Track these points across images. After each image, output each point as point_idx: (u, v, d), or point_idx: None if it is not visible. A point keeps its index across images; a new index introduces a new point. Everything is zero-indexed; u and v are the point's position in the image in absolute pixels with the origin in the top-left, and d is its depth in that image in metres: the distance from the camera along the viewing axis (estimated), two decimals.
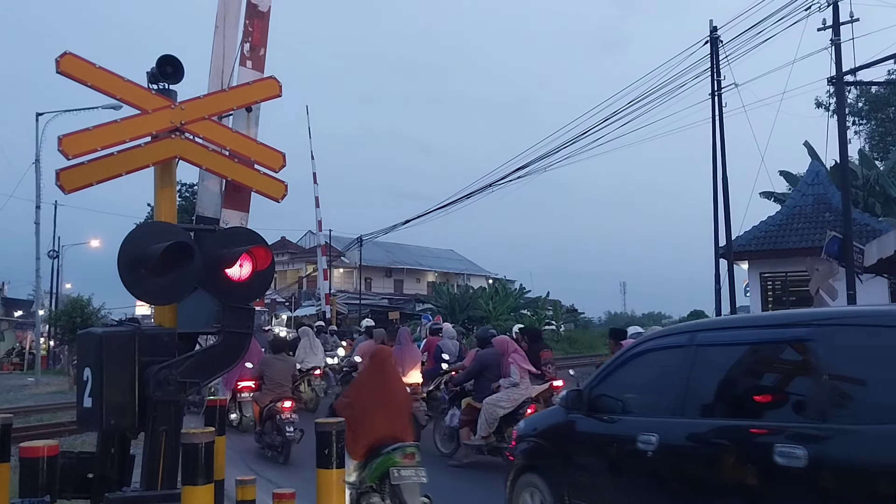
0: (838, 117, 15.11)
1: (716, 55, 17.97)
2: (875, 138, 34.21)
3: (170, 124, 4.63)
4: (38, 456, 4.14)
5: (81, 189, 4.44)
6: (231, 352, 4.60)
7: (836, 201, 18.86)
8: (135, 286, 4.25)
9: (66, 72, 4.36)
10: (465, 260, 63.87)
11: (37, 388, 25.12)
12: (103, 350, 4.16)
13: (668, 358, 4.88)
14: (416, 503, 5.51)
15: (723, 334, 4.77)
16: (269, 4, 5.24)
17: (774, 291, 20.90)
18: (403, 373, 10.80)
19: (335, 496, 4.19)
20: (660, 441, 4.43)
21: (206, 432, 3.87)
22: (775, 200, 25.98)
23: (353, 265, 47.21)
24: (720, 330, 4.92)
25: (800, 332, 4.08)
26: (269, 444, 10.29)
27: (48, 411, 16.84)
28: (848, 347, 3.75)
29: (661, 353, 5.05)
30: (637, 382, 5.18)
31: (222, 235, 4.66)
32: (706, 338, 4.63)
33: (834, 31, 14.25)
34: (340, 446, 4.25)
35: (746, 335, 4.63)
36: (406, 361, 11.07)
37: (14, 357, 41.30)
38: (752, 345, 4.48)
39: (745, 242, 20.14)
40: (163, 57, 4.69)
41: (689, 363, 4.56)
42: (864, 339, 3.75)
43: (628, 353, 5.39)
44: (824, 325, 3.96)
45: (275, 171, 5.05)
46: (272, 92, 5.09)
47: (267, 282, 4.76)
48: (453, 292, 39.49)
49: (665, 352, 5.01)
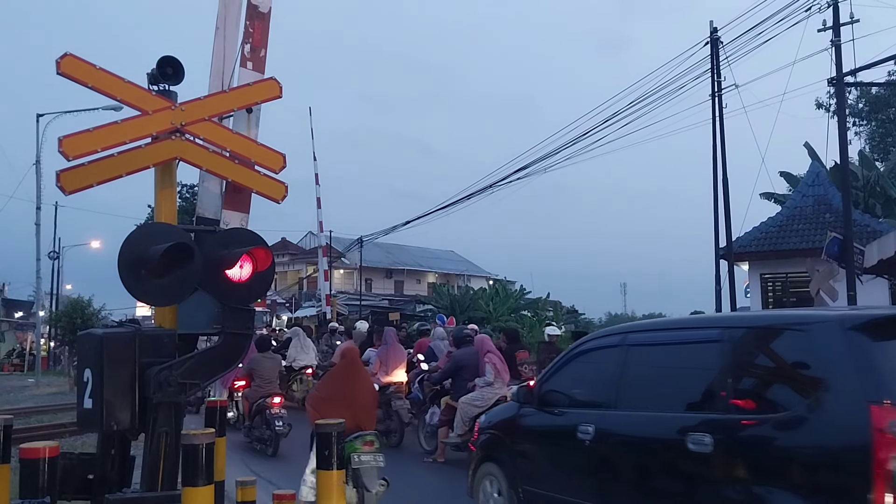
0: (839, 118, 15.10)
1: (716, 56, 17.96)
2: (875, 139, 34.19)
3: (170, 125, 4.63)
4: (39, 457, 4.14)
5: (82, 190, 4.45)
6: (231, 353, 4.60)
7: (836, 202, 18.84)
8: (135, 287, 4.25)
9: (67, 73, 4.36)
10: (465, 261, 63.84)
11: (37, 389, 25.13)
12: (104, 351, 4.17)
13: (605, 357, 5.42)
14: (374, 485, 5.99)
15: (649, 335, 5.39)
16: (269, 5, 5.25)
17: (775, 292, 20.89)
18: (388, 372, 11.24)
19: (335, 497, 4.19)
20: (596, 431, 4.95)
21: (207, 433, 3.88)
22: (775, 201, 25.96)
23: (354, 266, 47.20)
24: (647, 332, 5.51)
25: (711, 334, 4.67)
26: (258, 438, 10.82)
27: (48, 412, 16.83)
28: (748, 347, 4.33)
29: (599, 352, 5.58)
30: (579, 379, 5.67)
31: (222, 236, 4.66)
32: (635, 339, 5.25)
33: (834, 32, 14.25)
34: (341, 447, 4.25)
35: (668, 336, 5.25)
36: (391, 361, 11.36)
37: (14, 358, 41.31)
38: (672, 345, 5.06)
39: (746, 243, 20.13)
40: (163, 58, 4.70)
41: (621, 361, 5.11)
42: (761, 340, 4.31)
43: (572, 353, 5.88)
44: (731, 328, 4.59)
45: (275, 172, 5.05)
46: (272, 93, 5.10)
47: (267, 283, 4.76)
48: (453, 293, 39.44)
49: (602, 351, 5.54)
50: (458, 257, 64.32)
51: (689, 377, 4.67)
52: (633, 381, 4.99)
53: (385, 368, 11.34)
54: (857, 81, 17.52)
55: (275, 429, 10.32)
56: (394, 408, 10.98)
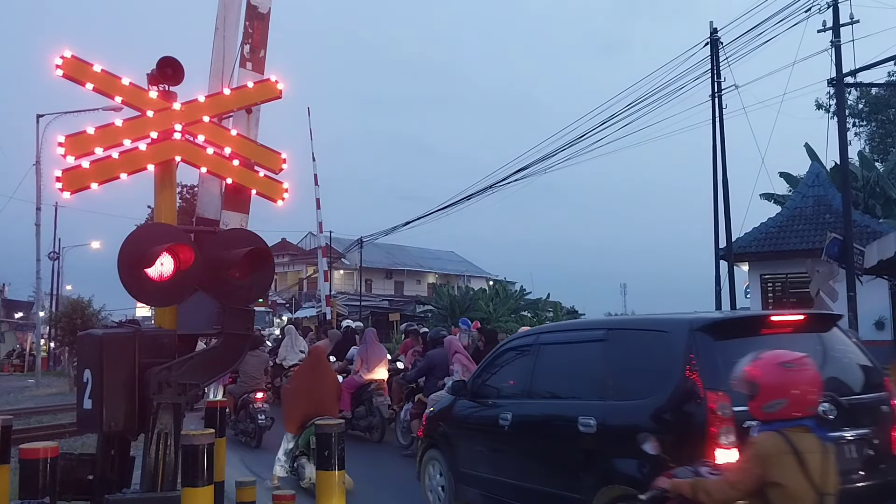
0: (838, 119, 15.09)
1: (716, 57, 17.96)
2: (875, 140, 34.16)
3: (170, 126, 4.63)
4: (39, 457, 4.15)
5: (82, 190, 4.45)
6: (231, 353, 4.60)
7: (836, 203, 18.83)
8: (135, 288, 4.25)
9: (67, 74, 4.37)
10: (465, 261, 63.83)
11: (37, 390, 25.11)
12: (103, 352, 4.17)
13: (522, 354, 6.21)
14: None
15: (555, 335, 6.29)
16: (269, 6, 5.25)
17: (775, 293, 20.88)
18: (369, 369, 11.70)
19: (335, 497, 4.19)
20: (512, 417, 5.76)
21: (206, 434, 3.88)
22: (775, 202, 25.92)
23: (354, 267, 47.20)
24: (554, 332, 6.56)
25: (598, 334, 5.53)
26: (242, 431, 11.48)
27: (48, 413, 16.81)
28: (623, 345, 5.12)
29: (518, 350, 6.35)
30: (503, 373, 6.43)
31: (222, 237, 4.66)
32: (545, 338, 6.10)
33: (834, 32, 14.24)
34: (341, 448, 4.25)
35: (568, 336, 6.14)
36: (371, 359, 11.83)
37: (14, 359, 41.29)
38: (571, 343, 5.93)
39: (746, 244, 20.12)
40: (163, 59, 4.70)
41: (533, 358, 5.94)
42: (634, 339, 5.13)
43: (499, 351, 6.69)
44: (612, 329, 5.51)
45: (275, 173, 5.05)
46: (272, 93, 5.10)
47: (267, 283, 4.76)
48: (454, 294, 39.40)
49: (520, 349, 6.31)
50: (458, 258, 64.32)
51: (581, 370, 5.53)
52: (542, 375, 5.82)
53: (366, 366, 11.79)
54: (857, 82, 17.52)
55: (258, 422, 11.08)
56: (375, 404, 11.48)
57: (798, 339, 4.69)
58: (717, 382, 4.22)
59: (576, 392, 5.45)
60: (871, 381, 4.85)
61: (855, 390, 4.75)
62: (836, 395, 4.41)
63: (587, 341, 5.67)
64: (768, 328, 4.86)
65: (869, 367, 4.93)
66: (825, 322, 5.20)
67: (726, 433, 4.14)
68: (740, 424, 4.09)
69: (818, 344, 4.86)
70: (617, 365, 5.07)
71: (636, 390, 4.80)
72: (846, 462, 4.30)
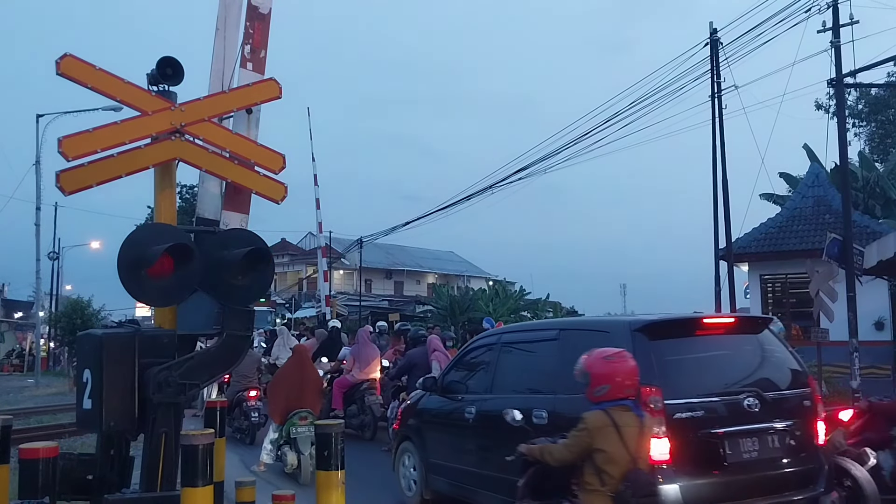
0: (838, 119, 15.09)
1: (716, 57, 17.95)
2: (875, 140, 34.17)
3: (170, 126, 4.63)
4: (38, 457, 4.15)
5: (81, 191, 4.45)
6: (231, 354, 4.60)
7: (836, 203, 18.82)
8: (134, 288, 4.26)
9: (67, 73, 4.37)
10: (465, 261, 63.83)
11: (37, 390, 25.12)
12: (103, 352, 4.17)
13: (486, 353, 6.68)
14: (306, 450, 8.24)
15: (515, 335, 6.76)
16: (269, 6, 5.25)
17: (774, 293, 20.88)
18: (361, 369, 11.92)
19: (335, 497, 4.19)
20: (476, 411, 6.23)
21: (206, 434, 3.88)
22: (775, 202, 25.91)
23: (354, 267, 47.18)
24: (514, 332, 7.03)
25: (551, 335, 6.03)
26: (237, 428, 11.80)
27: (48, 413, 16.83)
28: (572, 344, 5.39)
29: (483, 349, 6.82)
30: (469, 370, 6.90)
31: (222, 237, 4.66)
32: (506, 338, 6.58)
33: (834, 33, 14.23)
34: (341, 448, 4.25)
35: (526, 336, 6.66)
36: (363, 359, 12.04)
37: (14, 358, 41.29)
38: (528, 343, 6.42)
39: (745, 244, 20.11)
40: (163, 58, 4.70)
41: (496, 356, 6.42)
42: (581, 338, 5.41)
43: (466, 350, 7.25)
44: (564, 329, 6.00)
45: (275, 173, 5.05)
46: (272, 94, 5.10)
47: (266, 284, 4.76)
48: (453, 294, 39.38)
49: (485, 348, 6.79)
50: (458, 258, 64.32)
51: (536, 367, 6.03)
52: (503, 372, 6.29)
53: (359, 366, 11.93)
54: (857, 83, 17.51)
55: (251, 419, 11.50)
56: (367, 403, 11.64)
57: (729, 339, 5.29)
58: (651, 378, 4.60)
59: (531, 387, 5.91)
60: (796, 379, 5.30)
61: (780, 387, 5.20)
62: (761, 391, 4.90)
63: (542, 341, 6.18)
64: (701, 329, 5.29)
65: (794, 366, 5.37)
66: (756, 325, 5.71)
67: (657, 423, 4.52)
68: (671, 416, 4.60)
69: (747, 344, 5.37)
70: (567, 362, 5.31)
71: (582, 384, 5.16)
72: (771, 451, 4.82)
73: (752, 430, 4.76)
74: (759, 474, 4.39)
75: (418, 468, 7.14)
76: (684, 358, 5.11)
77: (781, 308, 20.60)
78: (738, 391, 4.87)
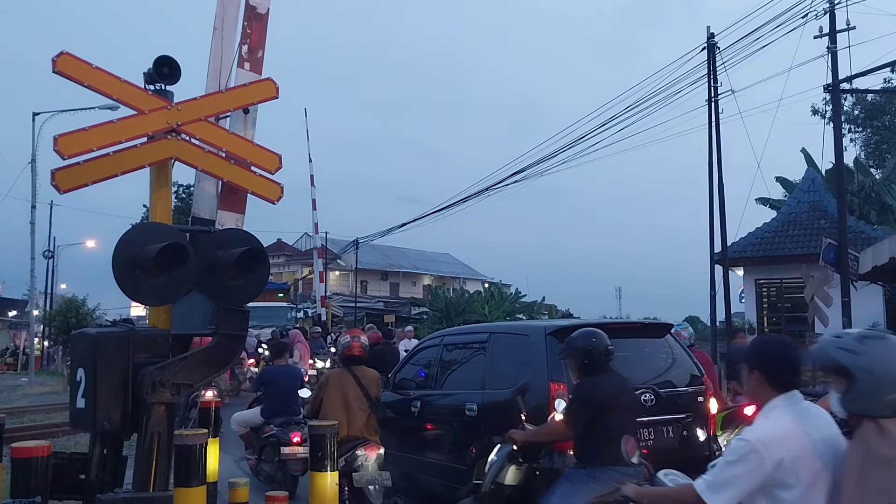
0: (834, 125, 15.14)
1: (713, 61, 17.98)
2: (871, 146, 34.26)
3: (166, 125, 4.62)
4: (31, 456, 4.14)
5: (77, 189, 4.45)
6: (225, 354, 4.59)
7: (831, 208, 18.88)
8: (129, 287, 4.25)
9: (63, 72, 4.36)
10: (460, 264, 63.78)
11: (30, 389, 25.00)
12: (97, 351, 4.16)
13: (431, 352, 7.30)
14: None
15: (454, 337, 7.44)
16: (267, 7, 5.25)
17: (769, 298, 20.92)
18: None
19: (328, 499, 4.19)
20: (421, 405, 6.84)
21: (200, 434, 3.87)
22: (771, 207, 25.98)
23: (349, 268, 47.14)
24: (454, 335, 7.73)
25: (483, 337, 6.66)
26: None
27: (41, 412, 16.75)
28: (500, 346, 6.23)
29: (430, 348, 7.45)
30: (417, 368, 7.41)
31: (218, 237, 4.66)
32: (447, 340, 7.31)
33: (830, 38, 14.28)
34: (334, 450, 4.25)
35: (463, 339, 7.29)
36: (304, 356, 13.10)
37: (8, 357, 41.11)
38: (464, 344, 7.06)
39: (741, 249, 20.15)
40: (160, 58, 4.69)
41: (438, 355, 7.05)
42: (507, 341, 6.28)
43: (416, 349, 7.86)
44: (493, 333, 6.64)
45: (271, 173, 5.05)
46: (269, 94, 5.10)
47: (262, 284, 4.75)
48: (449, 296, 39.36)
49: (431, 348, 7.42)
50: (454, 260, 64.28)
51: (469, 366, 6.66)
52: (443, 370, 6.94)
53: None
54: (853, 88, 17.49)
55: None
56: None
57: (632, 343, 5.88)
58: (560, 376, 5.33)
59: (465, 383, 6.49)
60: (692, 378, 6.05)
61: (676, 385, 5.94)
62: (657, 388, 5.62)
63: (475, 342, 6.80)
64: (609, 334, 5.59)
65: (691, 367, 6.15)
66: (659, 330, 6.47)
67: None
68: None
69: (648, 347, 6.13)
70: (494, 361, 6.19)
71: (506, 381, 5.85)
72: (666, 440, 5.60)
73: (648, 422, 5.45)
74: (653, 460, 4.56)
75: None
76: None
77: (776, 312, 20.66)
78: (637, 388, 5.32)
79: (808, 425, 2.56)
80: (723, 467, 2.59)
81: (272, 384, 8.35)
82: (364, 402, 6.01)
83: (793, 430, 2.53)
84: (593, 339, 4.46)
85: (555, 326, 5.87)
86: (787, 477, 2.48)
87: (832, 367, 2.51)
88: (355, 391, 6.00)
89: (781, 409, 2.61)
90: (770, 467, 2.48)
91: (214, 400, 6.35)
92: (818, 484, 2.48)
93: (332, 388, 6.02)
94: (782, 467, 2.48)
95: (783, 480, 2.49)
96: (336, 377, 6.16)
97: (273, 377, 8.48)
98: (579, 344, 4.47)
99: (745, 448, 2.53)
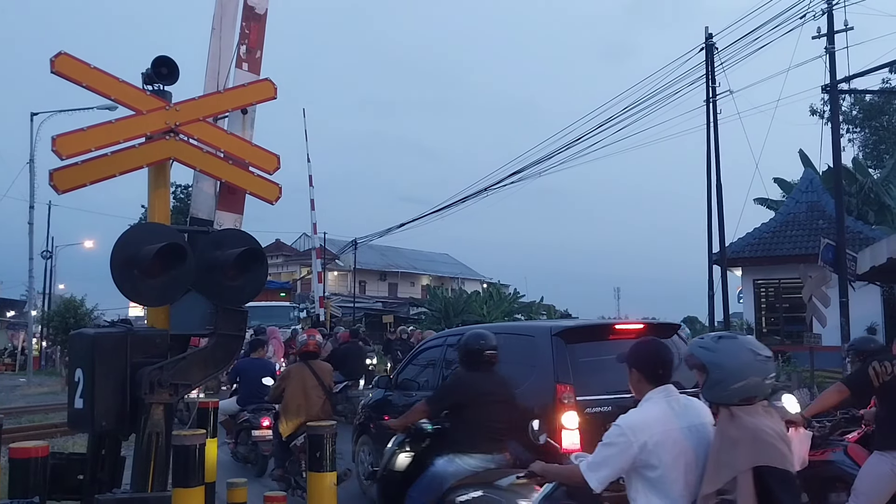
0: (832, 125, 15.15)
1: (711, 62, 18.00)
2: (869, 146, 34.30)
3: (164, 125, 4.62)
4: (29, 457, 4.14)
5: (75, 189, 4.44)
6: (223, 354, 4.59)
7: (829, 209, 18.90)
8: (127, 287, 4.25)
9: (61, 72, 4.36)
10: (459, 264, 63.78)
11: (28, 389, 24.99)
12: (95, 351, 4.16)
13: (434, 352, 7.28)
14: None
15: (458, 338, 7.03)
16: (265, 7, 5.25)
17: (768, 298, 20.94)
18: None
19: (327, 499, 4.19)
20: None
21: (198, 434, 3.88)
22: (769, 207, 26.01)
23: (348, 268, 47.13)
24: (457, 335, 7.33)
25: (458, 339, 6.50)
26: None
27: (40, 412, 16.75)
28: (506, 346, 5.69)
29: (432, 349, 7.42)
30: (419, 368, 7.46)
31: (216, 237, 4.66)
32: (450, 340, 7.09)
33: (828, 39, 14.30)
34: (332, 450, 4.25)
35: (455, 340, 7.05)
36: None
37: (6, 357, 41.07)
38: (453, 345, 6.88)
39: (739, 249, 20.17)
40: (158, 58, 4.69)
41: (442, 355, 7.00)
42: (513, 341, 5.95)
43: (418, 350, 7.91)
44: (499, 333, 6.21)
45: (269, 174, 5.05)
46: (267, 94, 5.10)
47: (260, 284, 4.75)
48: (447, 296, 39.38)
49: (433, 348, 7.39)
50: (453, 260, 64.27)
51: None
52: (446, 369, 6.81)
53: None
54: (851, 89, 17.52)
55: None
56: None
57: None
58: (566, 377, 5.27)
59: None
60: None
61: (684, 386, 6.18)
62: None
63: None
64: (614, 334, 5.81)
65: None
66: (666, 330, 6.19)
67: (569, 416, 5.10)
68: (583, 410, 5.15)
69: None
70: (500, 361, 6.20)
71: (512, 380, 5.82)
72: None
73: None
74: None
75: (374, 458, 7.57)
76: (597, 359, 5.63)
77: (774, 312, 20.67)
78: None
79: (677, 414, 2.93)
80: (599, 449, 2.93)
81: (244, 375, 9.19)
82: (320, 390, 7.04)
83: (659, 418, 2.89)
84: (481, 342, 4.94)
85: (560, 327, 5.82)
86: (651, 458, 2.82)
87: (695, 364, 2.89)
88: (312, 381, 7.02)
89: (654, 401, 2.97)
90: (636, 449, 2.83)
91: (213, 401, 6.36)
92: (678, 465, 2.82)
93: (292, 379, 7.05)
94: (646, 450, 2.82)
95: (647, 461, 2.83)
96: (296, 370, 7.17)
97: (245, 368, 9.27)
98: (465, 342, 5.01)
99: (616, 432, 2.89)
